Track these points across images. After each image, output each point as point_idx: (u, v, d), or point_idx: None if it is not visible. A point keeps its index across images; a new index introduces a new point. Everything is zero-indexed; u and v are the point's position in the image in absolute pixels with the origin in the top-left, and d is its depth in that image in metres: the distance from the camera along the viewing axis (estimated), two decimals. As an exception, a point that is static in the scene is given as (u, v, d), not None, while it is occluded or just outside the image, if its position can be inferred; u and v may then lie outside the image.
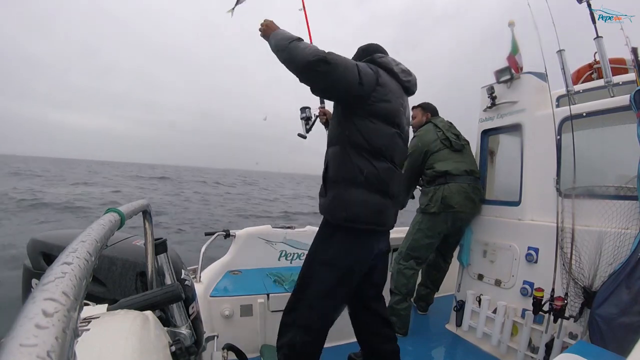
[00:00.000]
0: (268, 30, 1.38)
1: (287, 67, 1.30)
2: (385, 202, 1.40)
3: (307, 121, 1.93)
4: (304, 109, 1.94)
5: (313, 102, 1.87)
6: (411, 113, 2.25)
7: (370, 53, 1.50)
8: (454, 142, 2.34)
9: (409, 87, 1.53)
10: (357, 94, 1.32)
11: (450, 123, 2.48)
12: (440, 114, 2.57)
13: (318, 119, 1.91)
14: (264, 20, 1.41)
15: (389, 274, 2.12)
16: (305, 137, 1.97)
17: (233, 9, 1.79)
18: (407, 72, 1.51)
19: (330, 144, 1.47)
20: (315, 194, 1.53)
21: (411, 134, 1.81)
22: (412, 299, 2.41)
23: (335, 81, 1.28)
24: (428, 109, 2.54)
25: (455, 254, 2.55)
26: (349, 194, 1.35)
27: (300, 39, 1.31)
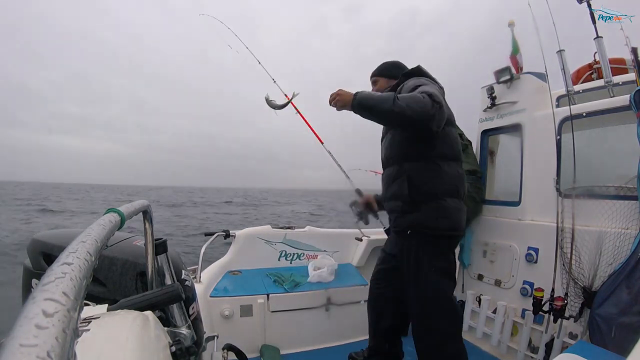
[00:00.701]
0: (343, 98, 1.39)
1: (403, 123, 1.33)
2: (464, 207, 1.49)
3: (361, 216, 1.90)
4: (353, 204, 1.92)
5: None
6: None
7: (399, 70, 1.61)
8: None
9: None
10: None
11: None
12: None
13: (364, 210, 1.89)
14: (334, 94, 1.43)
15: None
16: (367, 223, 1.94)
17: (277, 107, 1.81)
18: (440, 86, 1.59)
19: (405, 158, 1.48)
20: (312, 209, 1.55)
21: None
22: None
23: (444, 116, 1.33)
24: None
25: (456, 254, 2.55)
26: (448, 203, 1.40)
27: (393, 94, 1.30)
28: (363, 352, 1.83)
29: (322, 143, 2.13)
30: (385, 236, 1.88)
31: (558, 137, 1.92)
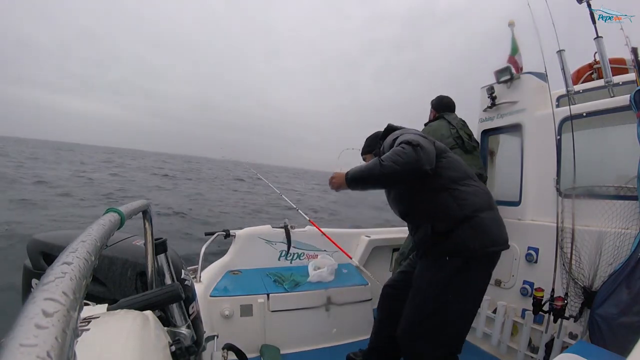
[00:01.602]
0: (338, 181, 1.47)
1: (398, 179, 1.35)
2: (500, 217, 1.44)
3: None
4: None
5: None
6: None
7: (389, 128, 1.67)
8: (467, 142, 2.26)
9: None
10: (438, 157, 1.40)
11: (464, 122, 2.37)
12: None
13: None
14: (330, 179, 1.52)
15: (390, 274, 2.12)
16: None
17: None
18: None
19: (418, 205, 1.47)
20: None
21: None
22: None
23: (430, 152, 1.34)
24: (435, 106, 2.44)
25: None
26: (482, 218, 1.35)
27: (377, 159, 1.34)
28: (362, 352, 1.84)
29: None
30: (383, 236, 1.87)
31: (558, 137, 1.92)
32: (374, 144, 1.76)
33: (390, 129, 1.65)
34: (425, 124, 2.42)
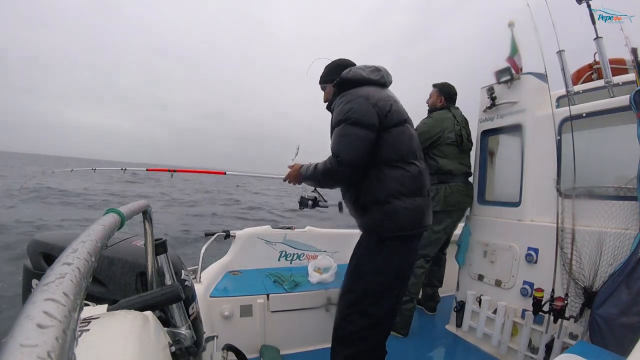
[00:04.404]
0: (292, 175, 1.68)
1: (335, 185, 1.53)
2: (425, 202, 1.48)
3: (315, 202, 1.87)
4: (302, 202, 1.88)
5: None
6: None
7: (337, 73, 1.57)
8: (465, 142, 2.37)
9: (384, 82, 1.58)
10: (380, 131, 1.43)
11: (466, 121, 2.46)
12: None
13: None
14: (288, 174, 1.70)
15: None
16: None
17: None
18: (376, 69, 1.56)
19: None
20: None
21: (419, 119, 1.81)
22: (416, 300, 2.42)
23: (359, 149, 1.38)
24: (443, 92, 2.46)
25: (454, 254, 2.55)
26: (393, 206, 1.39)
27: (313, 172, 1.52)
28: None
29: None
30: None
31: (558, 138, 1.92)
32: (333, 75, 1.63)
33: (345, 82, 1.53)
34: (430, 111, 2.48)
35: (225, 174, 2.21)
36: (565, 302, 1.67)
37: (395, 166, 1.42)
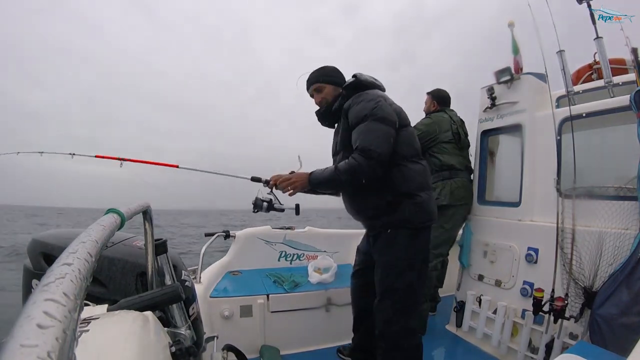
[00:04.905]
0: (298, 182, 1.53)
1: (357, 183, 1.46)
2: (432, 194, 1.61)
3: (271, 204, 1.70)
4: (257, 204, 1.70)
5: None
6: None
7: (341, 76, 1.68)
8: (462, 140, 2.43)
9: (384, 90, 1.69)
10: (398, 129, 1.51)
11: (462, 121, 2.53)
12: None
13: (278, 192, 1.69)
14: (283, 180, 1.56)
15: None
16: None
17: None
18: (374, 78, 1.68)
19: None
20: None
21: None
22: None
23: (387, 142, 1.43)
24: (436, 97, 2.56)
25: (456, 254, 2.55)
26: (422, 198, 1.50)
27: (334, 171, 1.45)
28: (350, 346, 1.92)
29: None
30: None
31: (558, 138, 1.92)
32: (337, 79, 1.66)
33: (358, 85, 1.59)
34: (427, 114, 2.56)
35: (178, 167, 2.14)
36: (566, 302, 1.67)
37: (415, 162, 1.53)
